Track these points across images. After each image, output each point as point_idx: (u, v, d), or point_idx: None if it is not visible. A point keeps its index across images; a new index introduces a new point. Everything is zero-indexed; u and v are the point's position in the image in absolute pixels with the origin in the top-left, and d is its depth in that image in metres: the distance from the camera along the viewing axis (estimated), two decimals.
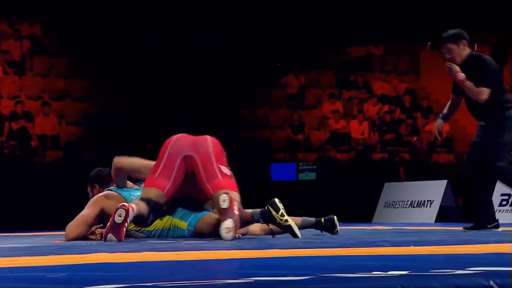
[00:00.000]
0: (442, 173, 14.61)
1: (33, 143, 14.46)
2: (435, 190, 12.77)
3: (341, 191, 14.02)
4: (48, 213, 11.42)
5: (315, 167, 14.76)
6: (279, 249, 4.42)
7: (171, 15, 15.98)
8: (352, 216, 12.27)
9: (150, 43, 15.76)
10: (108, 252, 4.20)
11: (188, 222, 5.99)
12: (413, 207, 13.05)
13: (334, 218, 6.27)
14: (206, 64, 16.01)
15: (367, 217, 13.43)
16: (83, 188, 6.61)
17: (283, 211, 5.68)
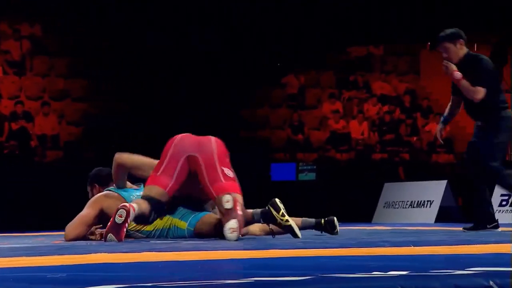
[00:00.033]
0: (442, 173, 14.61)
1: (33, 143, 14.46)
2: (435, 190, 12.77)
3: (341, 191, 14.01)
4: (48, 213, 11.41)
5: (315, 167, 14.76)
6: (279, 249, 4.42)
7: (171, 15, 15.97)
8: (352, 216, 12.27)
9: (150, 43, 15.75)
10: (108, 252, 4.21)
11: (188, 222, 5.99)
12: (413, 207, 13.04)
13: (334, 219, 6.27)
14: (206, 64, 16.01)
15: (367, 217, 13.42)
16: (83, 188, 6.61)
17: (283, 211, 5.69)
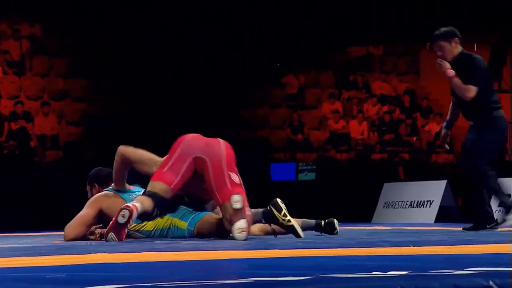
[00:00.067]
0: (442, 173, 14.60)
1: (33, 143, 14.46)
2: (434, 190, 12.76)
3: (340, 191, 14.01)
4: (48, 213, 11.41)
5: (314, 167, 14.75)
6: (279, 249, 4.42)
7: (171, 15, 15.97)
8: (351, 216, 12.26)
9: (150, 43, 15.75)
10: (108, 252, 4.21)
11: (188, 222, 5.99)
12: (412, 207, 13.04)
13: (334, 221, 6.28)
14: (206, 64, 16.01)
15: (366, 217, 13.42)
16: (82, 188, 6.61)
17: (285, 211, 5.70)
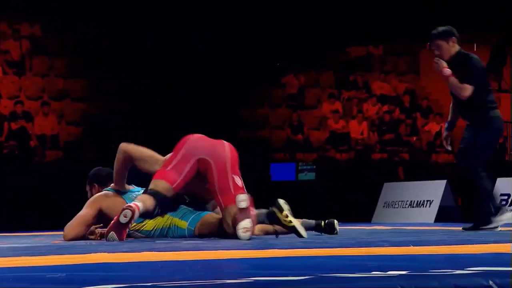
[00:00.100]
0: (442, 173, 14.60)
1: (33, 143, 14.46)
2: (434, 190, 12.76)
3: (340, 191, 14.01)
4: (48, 213, 11.41)
5: (314, 167, 14.75)
6: (279, 249, 4.42)
7: (171, 15, 15.97)
8: (351, 216, 12.26)
9: (150, 43, 15.74)
10: (108, 252, 4.21)
11: (188, 222, 5.99)
12: (412, 207, 13.04)
13: (334, 222, 6.29)
14: (206, 64, 16.01)
15: (366, 217, 13.42)
16: (82, 188, 6.61)
17: (287, 212, 5.71)
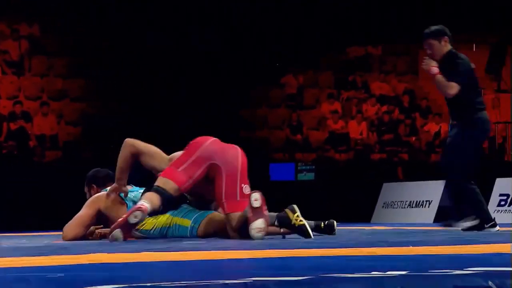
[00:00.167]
0: (441, 173, 14.56)
1: (32, 143, 14.46)
2: (433, 190, 12.76)
3: (339, 191, 14.00)
4: (47, 213, 11.40)
5: (313, 167, 14.74)
6: (279, 249, 4.42)
7: (171, 15, 15.96)
8: (350, 216, 12.26)
9: (150, 43, 15.73)
10: (108, 252, 4.21)
11: (192, 220, 5.99)
12: (411, 207, 13.04)
13: (334, 223, 6.30)
14: (206, 64, 16.00)
15: (365, 217, 13.41)
16: (82, 188, 6.62)
17: (299, 213, 5.74)
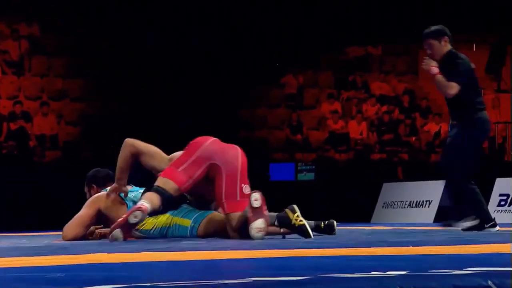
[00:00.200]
0: (441, 173, 14.57)
1: (32, 143, 14.46)
2: (433, 190, 12.75)
3: (339, 191, 14.00)
4: (47, 213, 11.40)
5: (313, 167, 14.74)
6: (279, 249, 4.42)
7: (171, 15, 15.96)
8: (350, 216, 12.26)
9: (150, 43, 15.73)
10: (107, 252, 4.21)
11: (192, 219, 5.99)
12: (411, 207, 13.04)
13: (334, 224, 6.30)
14: (206, 64, 16.00)
15: (365, 217, 13.41)
16: (82, 188, 6.62)
17: (299, 213, 5.74)
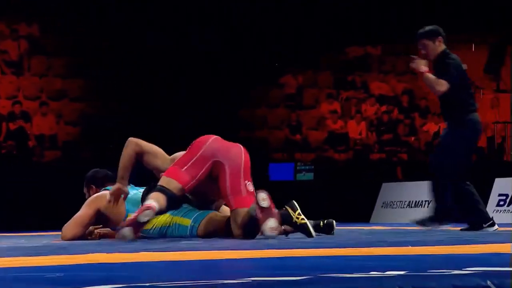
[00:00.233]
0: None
1: (31, 143, 14.46)
2: None
3: (339, 191, 14.00)
4: (46, 213, 11.40)
5: (313, 167, 14.74)
6: (278, 249, 4.43)
7: (171, 15, 15.96)
8: (350, 216, 12.26)
9: (150, 43, 15.73)
10: (107, 252, 4.21)
11: (192, 219, 5.99)
12: (411, 207, 13.04)
13: (333, 223, 6.31)
14: (206, 64, 16.00)
15: (365, 217, 13.41)
16: (81, 188, 6.63)
17: (300, 211, 5.76)
